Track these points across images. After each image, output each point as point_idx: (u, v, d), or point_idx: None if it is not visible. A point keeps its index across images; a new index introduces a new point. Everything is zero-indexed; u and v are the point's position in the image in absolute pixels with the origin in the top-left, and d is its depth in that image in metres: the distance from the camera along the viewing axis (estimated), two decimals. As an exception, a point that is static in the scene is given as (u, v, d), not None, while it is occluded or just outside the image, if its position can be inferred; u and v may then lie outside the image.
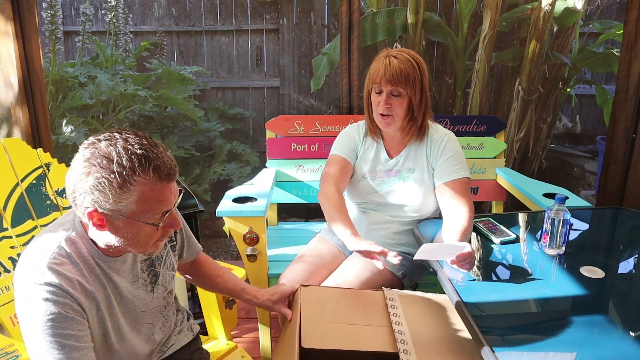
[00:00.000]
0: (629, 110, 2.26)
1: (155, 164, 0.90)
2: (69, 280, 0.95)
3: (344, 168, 1.68)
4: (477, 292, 1.27)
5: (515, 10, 3.25)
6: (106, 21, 3.63)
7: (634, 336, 1.09)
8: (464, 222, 1.49)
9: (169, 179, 0.93)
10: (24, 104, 2.09)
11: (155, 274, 1.14)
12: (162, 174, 0.91)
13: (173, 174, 0.94)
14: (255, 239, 1.80)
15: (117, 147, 0.90)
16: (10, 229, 1.48)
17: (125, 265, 1.07)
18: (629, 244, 1.63)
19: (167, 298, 1.20)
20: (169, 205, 0.96)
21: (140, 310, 1.12)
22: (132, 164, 0.89)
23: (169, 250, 1.19)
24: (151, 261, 1.14)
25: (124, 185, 0.89)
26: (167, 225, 0.99)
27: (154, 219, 0.95)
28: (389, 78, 1.53)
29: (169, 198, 0.95)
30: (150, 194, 0.91)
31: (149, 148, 0.91)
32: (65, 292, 0.93)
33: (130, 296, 1.09)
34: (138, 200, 0.91)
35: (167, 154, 0.94)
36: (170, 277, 1.20)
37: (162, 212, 0.95)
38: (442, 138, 1.63)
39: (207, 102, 3.72)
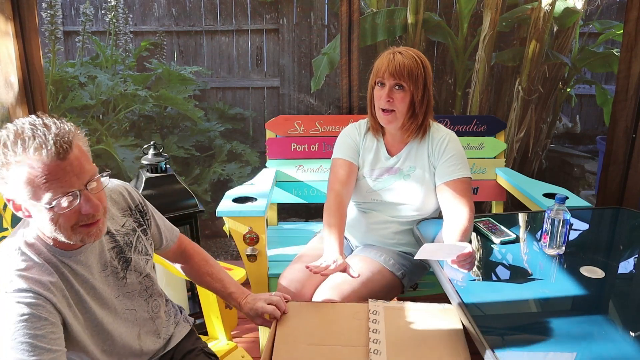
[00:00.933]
0: (629, 110, 2.26)
1: (38, 142, 0.87)
2: (39, 282, 0.94)
3: (348, 172, 1.69)
4: (477, 292, 1.27)
5: (515, 10, 3.25)
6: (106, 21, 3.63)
7: (634, 336, 1.09)
8: (465, 222, 1.49)
9: (56, 157, 0.88)
10: (23, 104, 2.09)
11: (126, 259, 1.14)
12: (44, 152, 0.87)
13: (64, 152, 0.88)
14: (255, 239, 1.80)
15: (10, 128, 0.89)
16: (10, 229, 1.47)
17: (92, 256, 1.06)
18: (629, 244, 1.63)
19: (144, 282, 1.19)
20: (65, 186, 0.90)
21: (114, 297, 1.11)
22: (15, 144, 0.87)
23: (140, 234, 1.18)
24: (119, 248, 1.13)
25: (7, 167, 0.88)
26: (78, 210, 0.93)
27: (50, 202, 0.89)
28: (392, 71, 1.53)
29: (62, 178, 0.89)
30: (34, 174, 0.87)
31: (39, 127, 0.89)
32: (37, 294, 0.93)
33: (101, 286, 1.08)
34: (26, 182, 0.88)
35: (62, 134, 0.89)
36: (144, 261, 1.19)
37: (58, 193, 0.89)
38: (444, 137, 1.63)
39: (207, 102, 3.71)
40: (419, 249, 1.30)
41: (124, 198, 1.18)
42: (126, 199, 1.18)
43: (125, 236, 1.15)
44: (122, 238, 1.14)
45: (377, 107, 1.61)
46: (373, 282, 1.57)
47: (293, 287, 1.59)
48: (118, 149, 3.34)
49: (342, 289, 1.51)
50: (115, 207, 1.15)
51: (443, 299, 1.33)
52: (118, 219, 1.15)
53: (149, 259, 1.21)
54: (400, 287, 1.66)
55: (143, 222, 1.20)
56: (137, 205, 1.20)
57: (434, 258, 1.39)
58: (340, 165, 1.70)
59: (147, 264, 1.20)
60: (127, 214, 1.17)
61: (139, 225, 1.19)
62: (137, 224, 1.19)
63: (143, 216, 1.21)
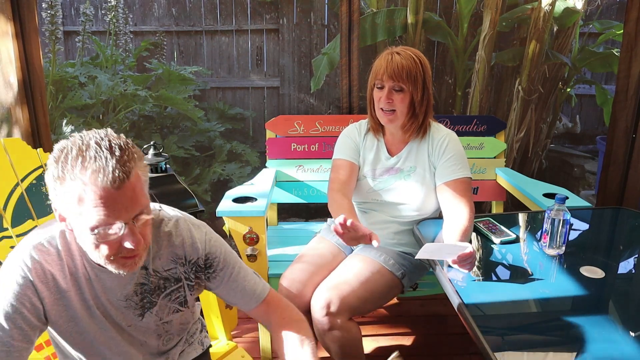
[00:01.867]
0: (629, 110, 2.26)
1: (98, 165, 0.83)
2: (43, 271, 0.96)
3: (350, 172, 1.69)
4: (477, 292, 1.27)
5: (515, 10, 3.25)
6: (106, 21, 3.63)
7: (634, 336, 1.09)
8: (465, 222, 1.49)
9: (111, 186, 0.83)
10: (24, 104, 2.09)
11: (150, 302, 1.07)
12: (101, 178, 0.83)
13: (120, 181, 0.84)
14: (255, 239, 1.80)
15: (76, 142, 0.86)
16: (11, 229, 1.48)
17: (115, 282, 1.01)
18: (629, 244, 1.63)
19: (163, 326, 1.12)
20: (112, 216, 0.85)
21: (125, 324, 1.07)
22: (74, 160, 0.84)
23: (184, 286, 1.09)
24: (148, 288, 1.05)
25: (62, 181, 0.85)
26: (119, 241, 0.89)
27: (93, 227, 0.86)
28: (391, 73, 1.53)
29: (111, 207, 0.85)
30: (85, 195, 0.84)
31: (104, 149, 0.84)
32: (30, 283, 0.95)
33: (113, 309, 1.04)
34: (76, 201, 0.84)
35: (125, 161, 0.85)
36: (172, 310, 1.10)
37: (104, 221, 0.85)
38: (444, 137, 1.63)
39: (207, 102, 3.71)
40: (419, 249, 1.31)
41: (184, 247, 1.07)
42: (186, 249, 1.07)
43: (161, 280, 1.07)
44: (157, 280, 1.06)
45: (377, 108, 1.61)
46: (373, 282, 1.57)
47: (294, 288, 1.59)
48: (118, 149, 3.33)
49: (341, 289, 1.51)
50: (168, 249, 1.06)
51: (443, 299, 1.33)
52: (164, 261, 1.06)
53: (183, 312, 1.13)
54: (400, 287, 1.66)
55: (195, 278, 1.10)
56: (197, 259, 1.08)
57: (434, 258, 1.39)
58: (341, 166, 1.71)
59: (175, 313, 1.11)
60: (180, 262, 1.08)
61: (187, 278, 1.09)
62: (185, 276, 1.09)
63: (201, 272, 1.10)
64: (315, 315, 1.51)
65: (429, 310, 2.38)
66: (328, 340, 1.52)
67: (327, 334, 1.50)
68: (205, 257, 1.09)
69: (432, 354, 2.08)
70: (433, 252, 1.33)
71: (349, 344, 1.52)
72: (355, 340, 1.54)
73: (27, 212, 1.51)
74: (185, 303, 1.12)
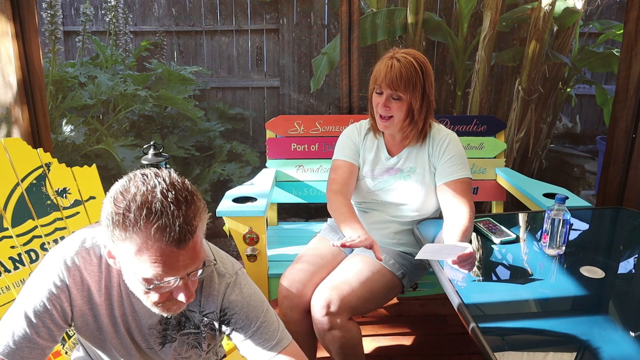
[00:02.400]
0: (629, 110, 2.26)
1: (164, 222, 0.80)
2: (81, 279, 0.95)
3: (349, 173, 1.70)
4: (477, 292, 1.27)
5: (515, 10, 3.25)
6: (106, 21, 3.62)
7: (634, 336, 1.09)
8: (465, 222, 1.49)
9: (174, 245, 0.81)
10: (24, 104, 2.09)
11: (170, 337, 1.06)
12: (165, 236, 0.80)
13: (183, 241, 0.81)
14: (255, 239, 1.80)
15: (140, 188, 0.82)
16: (11, 229, 1.47)
17: (143, 310, 1.00)
18: (629, 244, 1.63)
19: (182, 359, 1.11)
20: (170, 272, 0.84)
21: (146, 347, 1.07)
22: (139, 211, 0.80)
23: (201, 332, 1.06)
24: (170, 323, 1.04)
25: (123, 230, 0.81)
26: (170, 292, 0.88)
27: (148, 280, 0.85)
28: (389, 82, 1.53)
29: (171, 265, 0.83)
30: (146, 249, 0.81)
31: (170, 203, 0.81)
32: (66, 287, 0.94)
33: (137, 332, 1.04)
34: (135, 252, 0.82)
35: (190, 218, 0.82)
36: (191, 346, 1.08)
37: (160, 276, 0.84)
38: (444, 138, 1.63)
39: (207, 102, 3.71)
40: (419, 249, 1.31)
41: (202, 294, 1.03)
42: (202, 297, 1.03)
43: (182, 317, 1.05)
44: (179, 317, 1.04)
45: (375, 112, 1.62)
46: (373, 282, 1.57)
47: (294, 288, 1.59)
48: (118, 149, 3.33)
49: (341, 289, 1.51)
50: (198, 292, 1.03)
51: (443, 299, 1.33)
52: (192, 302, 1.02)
53: (199, 354, 1.10)
54: (400, 287, 1.66)
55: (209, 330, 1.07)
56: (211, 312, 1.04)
57: (435, 258, 1.39)
58: (340, 167, 1.71)
59: (192, 349, 1.09)
60: (198, 309, 1.05)
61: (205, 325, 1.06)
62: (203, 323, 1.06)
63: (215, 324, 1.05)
64: (315, 315, 1.51)
65: (429, 310, 2.38)
66: (328, 340, 1.52)
67: (327, 333, 1.50)
68: (222, 312, 1.04)
69: (432, 354, 2.08)
70: (433, 252, 1.34)
71: (349, 344, 1.52)
72: (355, 340, 1.54)
73: (27, 212, 1.51)
74: (200, 345, 1.09)
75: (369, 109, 1.69)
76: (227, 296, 1.03)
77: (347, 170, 1.70)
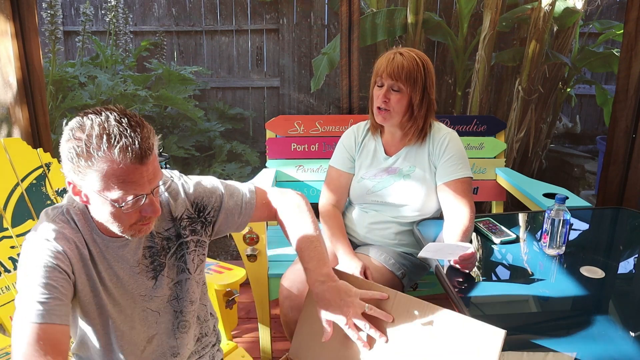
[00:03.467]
0: (629, 110, 2.26)
1: (125, 143, 0.87)
2: (67, 240, 0.98)
3: (342, 181, 1.75)
4: (478, 293, 1.27)
5: (515, 10, 3.25)
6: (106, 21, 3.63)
7: (634, 336, 1.09)
8: (465, 222, 1.49)
9: (137, 161, 0.88)
10: (23, 104, 2.09)
11: (160, 263, 1.10)
12: (129, 155, 0.87)
13: (144, 157, 0.89)
14: (255, 239, 1.80)
15: (95, 120, 0.89)
16: (11, 229, 1.48)
17: (126, 249, 1.05)
18: (629, 244, 1.63)
19: (175, 289, 1.13)
20: (137, 189, 0.91)
21: (139, 294, 1.08)
22: (100, 138, 0.87)
23: (182, 242, 1.12)
24: (155, 250, 1.09)
25: (88, 159, 0.87)
26: (139, 210, 0.94)
27: (118, 200, 0.91)
28: (390, 72, 1.54)
29: (137, 181, 0.90)
30: (113, 172, 0.88)
31: (126, 127, 0.88)
32: (61, 251, 0.96)
33: (126, 277, 1.06)
34: (102, 177, 0.88)
35: (146, 137, 0.90)
36: (179, 269, 1.12)
37: (128, 194, 0.91)
38: (444, 137, 1.63)
39: (207, 102, 3.71)
40: (420, 249, 1.30)
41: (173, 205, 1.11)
42: (175, 206, 1.11)
43: (164, 240, 1.10)
44: (161, 241, 1.10)
45: (373, 104, 1.62)
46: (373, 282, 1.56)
47: (295, 289, 1.59)
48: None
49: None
50: (164, 209, 1.10)
51: (443, 299, 1.33)
52: (163, 221, 1.10)
53: (187, 277, 1.13)
54: (400, 287, 1.66)
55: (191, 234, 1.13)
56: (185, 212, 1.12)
57: (437, 257, 1.39)
58: (333, 176, 1.77)
59: (182, 273, 1.13)
60: (172, 220, 1.11)
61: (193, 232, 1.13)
62: (191, 231, 1.12)
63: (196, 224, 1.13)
64: (315, 315, 1.51)
65: (429, 310, 2.37)
66: (328, 340, 1.52)
67: (327, 334, 1.50)
68: (193, 205, 1.13)
69: (432, 354, 2.07)
70: (435, 251, 1.34)
71: (349, 344, 1.52)
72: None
73: (27, 212, 1.51)
74: (185, 263, 1.14)
75: (369, 107, 1.69)
76: (188, 191, 1.13)
77: (339, 179, 1.75)
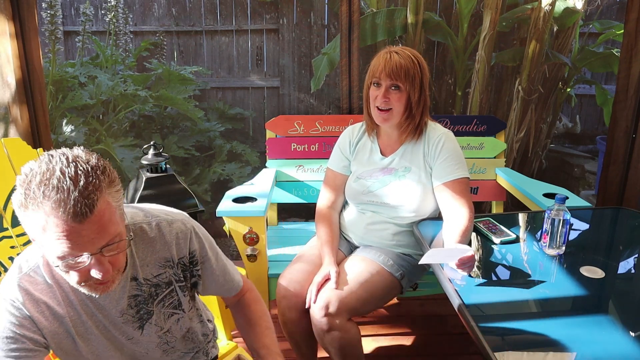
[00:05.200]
0: (629, 110, 2.26)
1: (59, 197, 0.79)
2: (35, 301, 0.94)
3: (337, 183, 1.77)
4: (477, 293, 1.27)
5: (515, 10, 3.24)
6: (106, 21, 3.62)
7: (634, 336, 1.09)
8: (465, 223, 1.49)
9: (71, 220, 0.80)
10: (23, 104, 2.09)
11: (147, 312, 1.05)
12: (61, 211, 0.79)
13: (81, 215, 0.80)
14: (255, 239, 1.80)
15: (42, 167, 0.81)
16: (11, 229, 1.48)
17: (107, 300, 0.99)
18: (629, 244, 1.63)
19: (165, 337, 1.10)
20: (75, 249, 0.82)
21: (125, 339, 1.05)
22: (38, 188, 0.80)
23: (176, 289, 1.08)
24: (142, 298, 1.04)
25: (25, 207, 0.81)
26: (86, 270, 0.86)
27: (58, 257, 0.83)
28: (389, 72, 1.54)
29: (74, 241, 0.81)
30: (47, 226, 0.80)
31: (67, 179, 0.80)
32: (26, 317, 0.93)
33: (111, 326, 1.02)
34: (38, 229, 0.81)
35: (88, 193, 0.80)
36: (168, 315, 1.09)
37: (67, 254, 0.83)
38: (440, 137, 1.63)
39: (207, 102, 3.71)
40: (418, 250, 1.31)
41: (170, 250, 1.05)
42: (172, 251, 1.06)
43: (152, 287, 1.05)
44: (149, 289, 1.05)
45: (372, 106, 1.61)
46: (372, 283, 1.57)
47: (292, 287, 1.59)
48: (117, 149, 3.34)
49: (340, 290, 1.51)
50: (155, 255, 1.04)
51: (443, 299, 1.33)
52: (153, 268, 1.05)
53: (180, 316, 1.11)
54: (399, 288, 1.66)
55: (184, 279, 1.09)
56: (181, 258, 1.08)
57: (437, 262, 1.39)
58: (329, 176, 1.79)
59: (170, 318, 1.09)
60: (168, 265, 1.06)
61: (178, 280, 1.08)
62: (176, 278, 1.08)
63: (187, 272, 1.10)
64: (314, 315, 1.51)
65: (429, 310, 2.38)
66: (327, 340, 1.52)
67: (326, 334, 1.50)
68: (190, 255, 1.09)
69: (432, 354, 2.08)
70: (435, 256, 1.34)
71: (348, 345, 1.52)
72: (355, 341, 1.54)
73: (27, 212, 1.51)
74: (179, 306, 1.10)
75: (365, 107, 1.68)
76: (190, 239, 1.08)
77: (335, 182, 1.77)
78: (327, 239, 1.69)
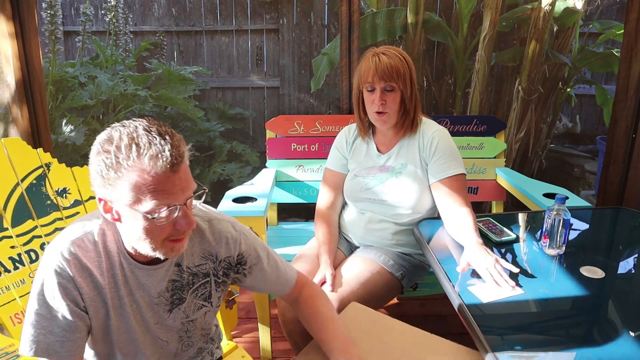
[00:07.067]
0: (629, 110, 2.26)
1: (154, 151, 0.84)
2: (80, 266, 0.96)
3: (336, 182, 1.78)
4: (477, 292, 1.27)
5: (515, 10, 3.25)
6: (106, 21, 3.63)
7: (634, 336, 1.09)
8: (471, 219, 1.51)
9: (168, 169, 0.85)
10: (23, 104, 2.09)
11: (180, 298, 1.08)
12: (159, 163, 0.84)
13: (176, 164, 0.86)
14: (255, 239, 1.80)
15: (123, 131, 0.86)
16: (11, 229, 1.48)
17: (151, 279, 1.03)
18: (629, 244, 1.63)
19: (187, 325, 1.12)
20: (170, 199, 0.88)
21: (153, 322, 1.07)
22: (128, 148, 0.84)
23: (212, 282, 1.11)
24: (180, 284, 1.07)
25: (117, 170, 0.85)
26: (173, 223, 0.91)
27: (150, 212, 0.88)
28: (381, 74, 1.54)
29: (169, 190, 0.87)
30: (143, 182, 0.85)
31: (155, 135, 0.86)
32: (69, 276, 0.95)
33: (145, 306, 1.05)
34: (133, 188, 0.85)
35: (176, 145, 0.87)
36: (197, 307, 1.11)
37: (161, 205, 0.87)
38: (434, 134, 1.63)
39: (207, 102, 3.71)
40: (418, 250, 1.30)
41: (217, 246, 1.09)
42: (219, 248, 1.10)
43: (191, 276, 1.08)
44: (188, 276, 1.08)
45: (369, 111, 1.62)
46: (372, 282, 1.57)
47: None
48: (118, 149, 3.34)
49: (341, 290, 1.51)
50: (200, 246, 1.08)
51: (443, 299, 1.33)
52: (196, 257, 1.08)
53: (207, 310, 1.13)
54: (400, 288, 1.66)
55: (224, 276, 1.12)
56: (227, 257, 1.11)
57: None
58: (327, 176, 1.80)
59: (199, 310, 1.12)
60: (210, 259, 1.10)
61: (215, 275, 1.11)
62: (214, 272, 1.11)
63: (231, 270, 1.12)
64: (315, 315, 1.51)
65: (429, 310, 2.38)
66: (328, 340, 1.52)
67: (327, 334, 1.50)
68: (238, 256, 1.12)
69: (432, 354, 2.07)
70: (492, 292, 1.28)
71: (349, 344, 1.52)
72: (355, 340, 1.54)
73: (27, 212, 1.51)
74: (209, 298, 1.12)
75: (356, 111, 1.69)
76: (240, 242, 1.12)
77: (332, 182, 1.78)
78: (325, 239, 1.69)
